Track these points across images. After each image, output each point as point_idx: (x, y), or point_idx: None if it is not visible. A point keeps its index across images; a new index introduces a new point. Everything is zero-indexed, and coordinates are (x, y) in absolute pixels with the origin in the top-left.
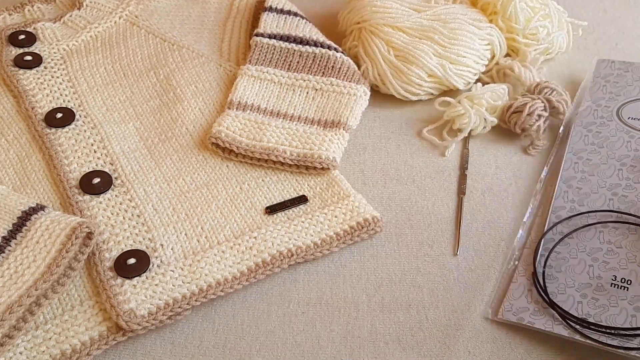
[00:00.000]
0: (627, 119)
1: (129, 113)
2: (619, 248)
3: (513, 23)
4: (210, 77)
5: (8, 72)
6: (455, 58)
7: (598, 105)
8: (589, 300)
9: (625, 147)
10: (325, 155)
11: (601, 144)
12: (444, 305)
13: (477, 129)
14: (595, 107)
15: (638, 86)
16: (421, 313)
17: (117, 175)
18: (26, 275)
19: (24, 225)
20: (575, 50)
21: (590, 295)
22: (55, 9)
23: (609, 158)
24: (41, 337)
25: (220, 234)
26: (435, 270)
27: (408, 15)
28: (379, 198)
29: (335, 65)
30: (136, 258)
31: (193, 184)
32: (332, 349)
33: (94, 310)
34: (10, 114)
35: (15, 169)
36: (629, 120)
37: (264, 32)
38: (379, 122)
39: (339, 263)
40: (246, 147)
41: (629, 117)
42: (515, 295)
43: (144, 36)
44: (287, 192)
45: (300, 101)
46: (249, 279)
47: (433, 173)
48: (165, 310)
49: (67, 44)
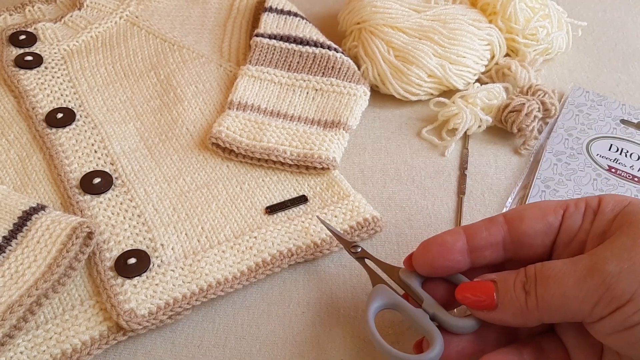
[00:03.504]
0: (595, 155)
1: (129, 113)
2: None
3: (513, 23)
4: (210, 77)
5: (9, 72)
6: (455, 58)
7: (569, 135)
8: None
9: (591, 184)
10: (325, 155)
11: (569, 176)
12: None
13: (472, 128)
14: (566, 136)
15: (609, 123)
16: None
17: (118, 175)
18: (27, 275)
19: (25, 225)
20: (575, 50)
21: None
22: (55, 9)
23: (575, 193)
24: (42, 337)
25: (221, 234)
26: None
27: (408, 15)
28: (379, 198)
29: (335, 65)
30: (137, 258)
31: (193, 183)
32: (332, 349)
33: (95, 310)
34: (10, 114)
35: (16, 168)
36: (597, 157)
37: (264, 33)
38: (379, 122)
39: (339, 263)
40: (246, 147)
41: (598, 154)
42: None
43: (144, 36)
44: (287, 192)
45: (300, 101)
46: (249, 278)
47: (433, 173)
48: (165, 309)
49: (68, 44)
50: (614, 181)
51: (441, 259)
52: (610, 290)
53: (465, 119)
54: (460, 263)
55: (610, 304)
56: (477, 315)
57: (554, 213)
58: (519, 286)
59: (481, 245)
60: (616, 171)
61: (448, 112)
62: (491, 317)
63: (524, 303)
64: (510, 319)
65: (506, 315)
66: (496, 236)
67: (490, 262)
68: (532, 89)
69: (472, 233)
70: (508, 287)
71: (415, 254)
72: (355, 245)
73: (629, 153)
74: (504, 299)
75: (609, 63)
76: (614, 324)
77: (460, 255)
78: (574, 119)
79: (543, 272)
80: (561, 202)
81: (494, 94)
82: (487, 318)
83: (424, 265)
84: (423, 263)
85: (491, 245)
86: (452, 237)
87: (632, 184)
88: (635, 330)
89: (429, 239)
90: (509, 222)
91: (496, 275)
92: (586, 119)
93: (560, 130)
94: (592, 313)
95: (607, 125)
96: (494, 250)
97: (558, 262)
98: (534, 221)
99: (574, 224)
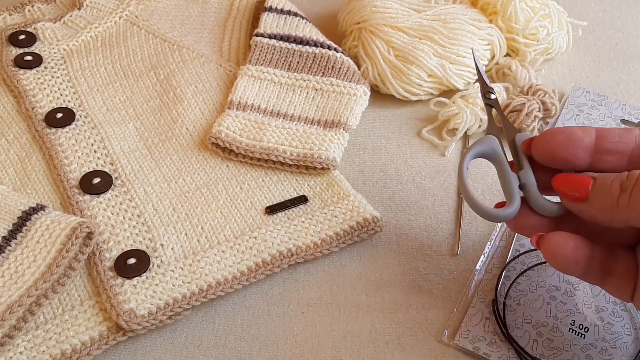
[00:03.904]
0: None
1: (129, 113)
2: (577, 290)
3: (513, 23)
4: (210, 77)
5: (8, 72)
6: (455, 58)
7: None
8: (544, 340)
9: None
10: (325, 155)
11: None
12: (444, 305)
13: (472, 128)
14: None
15: (610, 123)
16: (421, 313)
17: (117, 175)
18: (26, 275)
19: (24, 225)
20: (575, 50)
21: (546, 335)
22: (55, 9)
23: None
24: (41, 337)
25: (220, 234)
26: (435, 270)
27: (408, 15)
28: (379, 198)
29: (335, 65)
30: (136, 258)
31: (193, 184)
32: (332, 349)
33: (94, 310)
34: (10, 114)
35: (16, 168)
36: None
37: (264, 32)
38: (379, 122)
39: (339, 263)
40: (246, 147)
41: None
42: (472, 322)
43: (144, 36)
44: (287, 192)
45: (300, 101)
46: (249, 278)
47: (433, 173)
48: (165, 310)
49: (68, 44)
50: None
51: (564, 150)
52: None
53: (465, 118)
54: (581, 160)
55: None
56: (567, 205)
57: None
58: (617, 183)
59: (609, 149)
60: None
61: (448, 112)
62: (580, 208)
63: (615, 198)
64: (598, 213)
65: (595, 208)
66: (627, 145)
67: (610, 170)
68: (532, 89)
69: (604, 134)
70: (606, 183)
71: (537, 138)
72: (491, 92)
73: None
74: (599, 192)
75: (610, 63)
76: None
77: (584, 152)
78: (575, 119)
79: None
80: None
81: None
82: (577, 209)
83: (543, 152)
84: (544, 150)
85: (618, 152)
86: (583, 132)
87: None
88: None
89: (557, 128)
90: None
91: (598, 175)
92: (586, 118)
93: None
94: None
95: (608, 125)
96: (619, 158)
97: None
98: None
99: None
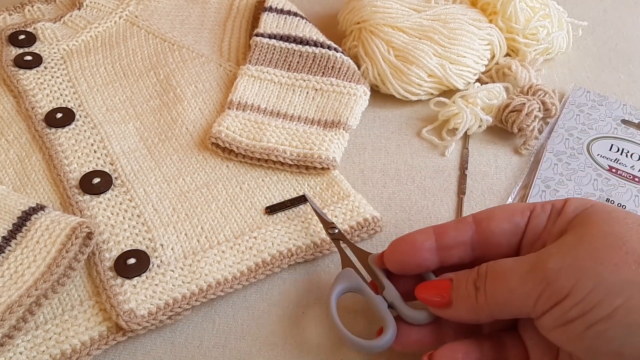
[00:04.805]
0: (596, 155)
1: (129, 113)
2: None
3: (513, 23)
4: (210, 77)
5: (8, 72)
6: (455, 58)
7: (570, 135)
8: None
9: (592, 185)
10: (325, 155)
11: (569, 176)
12: None
13: (472, 128)
14: (567, 136)
15: (610, 123)
16: None
17: (117, 175)
18: (26, 275)
19: (24, 225)
20: (575, 50)
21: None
22: (55, 9)
23: (575, 193)
24: (41, 337)
25: (220, 234)
26: None
27: (408, 15)
28: (379, 198)
29: (335, 65)
30: (136, 258)
31: (193, 184)
32: (333, 349)
33: (94, 310)
34: (10, 114)
35: (15, 168)
36: (597, 157)
37: (264, 32)
38: (379, 122)
39: (339, 263)
40: (246, 147)
41: (598, 154)
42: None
43: (144, 36)
44: (287, 192)
45: (300, 101)
46: (249, 279)
47: (433, 173)
48: (165, 310)
49: (67, 44)
50: (615, 181)
51: (410, 257)
52: (550, 286)
53: (465, 118)
54: (428, 261)
55: (550, 298)
56: (436, 312)
57: (521, 214)
58: (470, 283)
59: (449, 244)
60: (617, 171)
61: (448, 112)
62: (447, 313)
63: (474, 299)
64: (465, 315)
65: (460, 312)
66: (464, 235)
67: (459, 262)
68: (532, 89)
69: (441, 232)
70: (461, 284)
71: (385, 252)
72: (333, 227)
73: (630, 153)
74: (458, 295)
75: (610, 63)
76: (554, 318)
77: (429, 253)
78: (575, 119)
79: (493, 269)
80: (529, 204)
81: (494, 93)
82: (444, 315)
83: (393, 263)
84: (393, 261)
85: (459, 244)
86: (421, 236)
87: (633, 184)
88: (574, 325)
89: (399, 237)
90: (478, 222)
91: (454, 274)
92: (587, 118)
93: (560, 130)
94: (535, 308)
95: (608, 125)
96: (462, 249)
97: (508, 260)
98: (501, 221)
99: (539, 224)
